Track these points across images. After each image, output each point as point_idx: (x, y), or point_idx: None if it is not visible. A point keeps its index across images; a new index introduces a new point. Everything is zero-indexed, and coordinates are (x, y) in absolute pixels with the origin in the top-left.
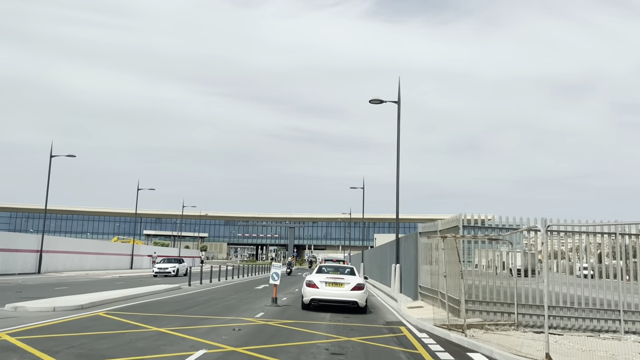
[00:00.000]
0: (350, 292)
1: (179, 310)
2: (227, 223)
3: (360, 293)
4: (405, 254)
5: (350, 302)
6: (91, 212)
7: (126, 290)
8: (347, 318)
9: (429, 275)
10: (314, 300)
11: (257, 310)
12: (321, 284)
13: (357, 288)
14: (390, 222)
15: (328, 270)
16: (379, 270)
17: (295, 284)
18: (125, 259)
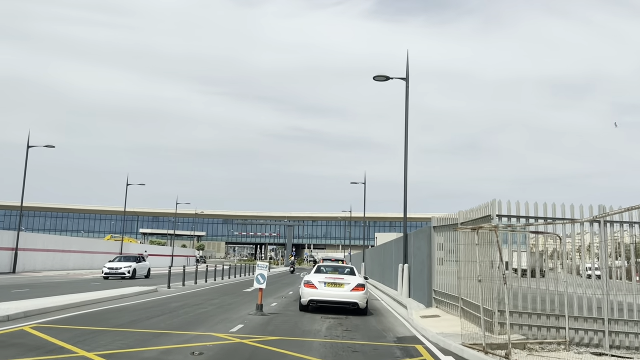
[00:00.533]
0: (350, 292)
1: (135, 322)
2: (225, 222)
3: (361, 294)
4: (415, 252)
5: (351, 304)
6: (86, 210)
7: (87, 295)
8: (348, 332)
9: (446, 278)
10: (312, 301)
11: (235, 321)
12: (320, 284)
13: (357, 289)
14: (391, 220)
15: (327, 270)
16: (381, 270)
17: (291, 285)
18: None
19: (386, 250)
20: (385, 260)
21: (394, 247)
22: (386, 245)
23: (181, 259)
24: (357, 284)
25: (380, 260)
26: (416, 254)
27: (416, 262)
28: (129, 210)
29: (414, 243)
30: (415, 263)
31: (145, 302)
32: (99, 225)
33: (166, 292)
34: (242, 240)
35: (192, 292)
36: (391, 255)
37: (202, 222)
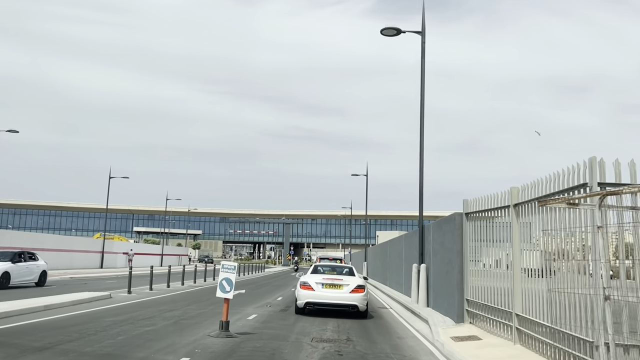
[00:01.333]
0: (350, 294)
1: (36, 350)
2: (223, 220)
3: (361, 296)
4: (436, 249)
5: (350, 306)
6: (78, 209)
7: (15, 303)
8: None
9: (486, 282)
10: (309, 304)
11: (180, 351)
12: (317, 285)
13: (357, 290)
14: (393, 219)
15: (324, 270)
16: (385, 270)
17: (282, 289)
18: (94, 256)
19: (392, 247)
20: (391, 259)
21: (404, 244)
22: (392, 242)
23: (172, 258)
24: (357, 285)
25: (384, 259)
26: (437, 251)
27: (438, 262)
28: (124, 208)
29: (435, 237)
30: (436, 263)
31: (81, 315)
32: (93, 224)
33: (122, 299)
34: (240, 239)
35: (155, 299)
36: (399, 253)
37: (199, 220)
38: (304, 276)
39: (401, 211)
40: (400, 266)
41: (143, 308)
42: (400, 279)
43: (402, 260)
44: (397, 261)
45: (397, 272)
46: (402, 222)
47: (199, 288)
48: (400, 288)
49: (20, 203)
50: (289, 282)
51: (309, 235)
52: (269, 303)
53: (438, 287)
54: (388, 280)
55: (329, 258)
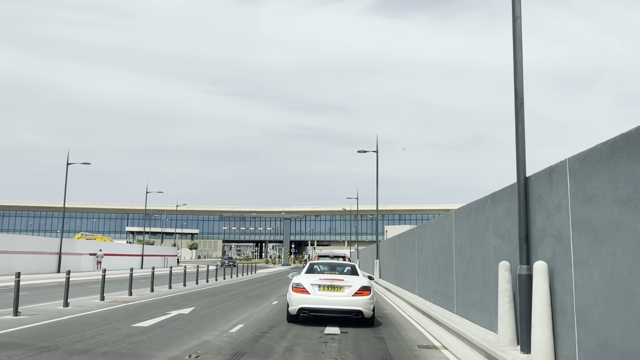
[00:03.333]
0: (353, 298)
1: None
2: (222, 218)
3: (366, 299)
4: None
5: (353, 312)
6: (68, 209)
7: None
8: None
9: None
10: (303, 310)
11: None
12: (313, 287)
13: (361, 292)
14: (401, 214)
15: (322, 269)
16: (406, 270)
17: (252, 306)
18: (50, 259)
19: (424, 238)
20: (422, 255)
21: (455, 229)
22: (423, 228)
23: (156, 259)
24: (361, 286)
25: (405, 255)
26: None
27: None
28: (118, 207)
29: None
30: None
31: None
32: (87, 225)
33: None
34: (240, 238)
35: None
36: (444, 245)
37: (197, 219)
38: (297, 277)
39: (410, 205)
40: (449, 267)
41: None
42: (447, 287)
43: (447, 257)
44: (435, 258)
45: (439, 277)
46: (411, 216)
47: (167, 296)
48: (445, 302)
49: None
50: (276, 289)
51: (313, 232)
52: (239, 321)
53: (606, 322)
54: (417, 288)
55: (329, 255)
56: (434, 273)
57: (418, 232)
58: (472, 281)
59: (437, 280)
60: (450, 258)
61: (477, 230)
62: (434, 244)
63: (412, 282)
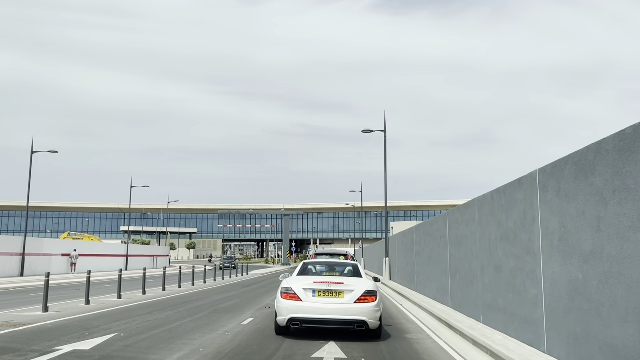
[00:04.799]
0: (355, 305)
1: None
2: (222, 217)
3: (371, 307)
4: None
5: (356, 323)
6: (66, 209)
7: None
8: None
9: None
10: (294, 320)
11: None
12: (306, 293)
13: (365, 298)
14: (407, 210)
15: (318, 270)
16: (431, 273)
17: (240, 313)
18: (12, 260)
19: (458, 225)
20: (459, 251)
21: (547, 202)
22: (463, 211)
23: (144, 260)
24: (365, 291)
25: (428, 252)
26: None
27: None
28: (114, 207)
29: None
30: None
31: None
32: (82, 225)
33: None
34: (240, 237)
35: None
36: (504, 234)
37: (195, 218)
38: (288, 279)
39: (416, 201)
40: (526, 269)
41: None
42: (520, 304)
43: (529, 252)
44: (488, 254)
45: (498, 284)
46: (417, 212)
47: (106, 310)
48: (514, 326)
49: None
50: (258, 298)
51: (315, 230)
52: None
53: None
54: (452, 297)
55: (328, 254)
56: (485, 278)
57: (452, 218)
58: (614, 299)
59: (493, 290)
60: (529, 253)
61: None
62: (488, 232)
63: (440, 289)
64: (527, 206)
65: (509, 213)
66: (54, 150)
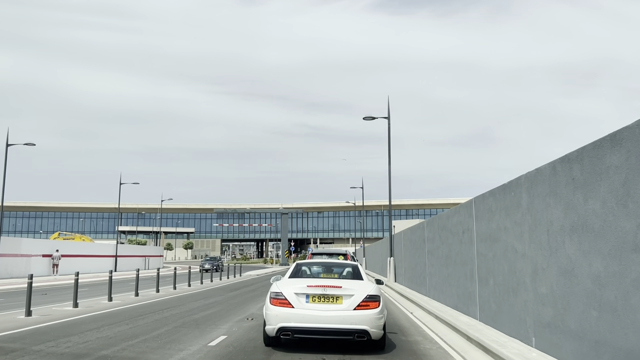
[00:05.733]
0: (354, 312)
1: None
2: (220, 217)
3: (373, 314)
4: None
5: (356, 333)
6: (63, 209)
7: None
8: None
9: None
10: (284, 330)
11: None
12: (298, 298)
13: (366, 304)
14: (408, 208)
15: (313, 271)
16: (450, 272)
17: (212, 328)
18: None
19: (490, 214)
20: (493, 249)
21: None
22: (501, 195)
23: (135, 260)
24: (367, 295)
25: (446, 251)
26: None
27: None
28: (111, 206)
29: None
30: None
31: None
32: (79, 225)
33: None
34: (239, 237)
35: None
36: (582, 222)
37: (193, 217)
38: (279, 282)
39: (417, 199)
40: (603, 280)
41: None
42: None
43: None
44: (552, 250)
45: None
46: (418, 211)
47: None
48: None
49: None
50: (241, 307)
51: (315, 229)
52: None
53: None
54: (480, 309)
55: (326, 253)
56: (541, 285)
57: (481, 207)
58: None
59: (557, 303)
60: (637, 249)
61: None
62: (547, 220)
63: (462, 296)
64: (632, 174)
65: (590, 189)
66: (30, 142)
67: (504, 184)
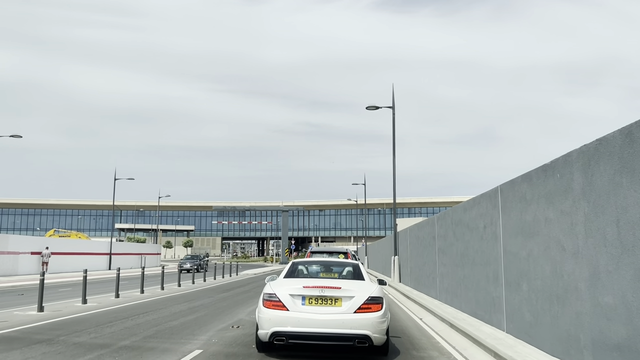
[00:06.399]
0: (355, 316)
1: None
2: (221, 215)
3: (375, 317)
4: None
5: (356, 338)
6: (60, 206)
7: None
8: None
9: None
10: (278, 335)
11: None
12: (294, 300)
13: (368, 307)
14: (410, 207)
15: (311, 270)
16: (466, 273)
17: (179, 347)
18: None
19: (551, 197)
20: (519, 251)
21: None
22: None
23: (131, 259)
24: (368, 297)
25: (463, 249)
26: None
27: None
28: (109, 204)
29: None
30: None
31: None
32: (77, 223)
33: None
34: (239, 235)
35: None
36: None
37: (193, 215)
38: (273, 282)
39: (420, 198)
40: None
41: None
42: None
43: None
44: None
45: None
46: (421, 209)
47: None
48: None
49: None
50: (227, 312)
51: (317, 228)
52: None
53: None
54: (513, 320)
55: (325, 252)
56: (605, 293)
57: (510, 195)
58: None
59: (635, 319)
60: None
61: None
62: (618, 207)
63: (484, 302)
64: None
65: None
66: (17, 134)
67: (543, 165)
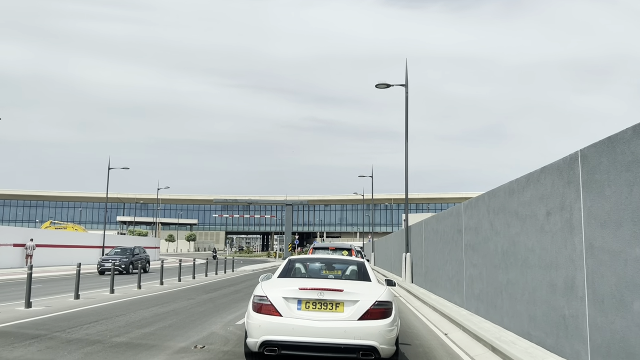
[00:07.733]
0: (359, 323)
1: None
2: (225, 209)
3: (383, 325)
4: None
5: (360, 350)
6: (61, 198)
7: None
8: None
9: None
10: (269, 344)
11: None
12: (288, 304)
13: (374, 312)
14: (418, 202)
15: (310, 269)
16: (514, 277)
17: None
18: None
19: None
20: (630, 251)
21: None
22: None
23: None
24: (376, 301)
25: (501, 248)
26: None
27: None
28: (111, 196)
29: None
30: None
31: None
32: (79, 215)
33: None
34: (243, 230)
35: None
36: None
37: (197, 209)
38: (265, 282)
39: (429, 193)
40: None
41: None
42: None
43: None
44: None
45: None
46: (429, 205)
47: None
48: None
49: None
50: (218, 314)
51: (322, 223)
52: None
53: None
54: (552, 333)
55: (329, 248)
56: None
57: (600, 163)
58: None
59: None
60: None
61: None
62: None
63: (547, 321)
64: None
65: None
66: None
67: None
